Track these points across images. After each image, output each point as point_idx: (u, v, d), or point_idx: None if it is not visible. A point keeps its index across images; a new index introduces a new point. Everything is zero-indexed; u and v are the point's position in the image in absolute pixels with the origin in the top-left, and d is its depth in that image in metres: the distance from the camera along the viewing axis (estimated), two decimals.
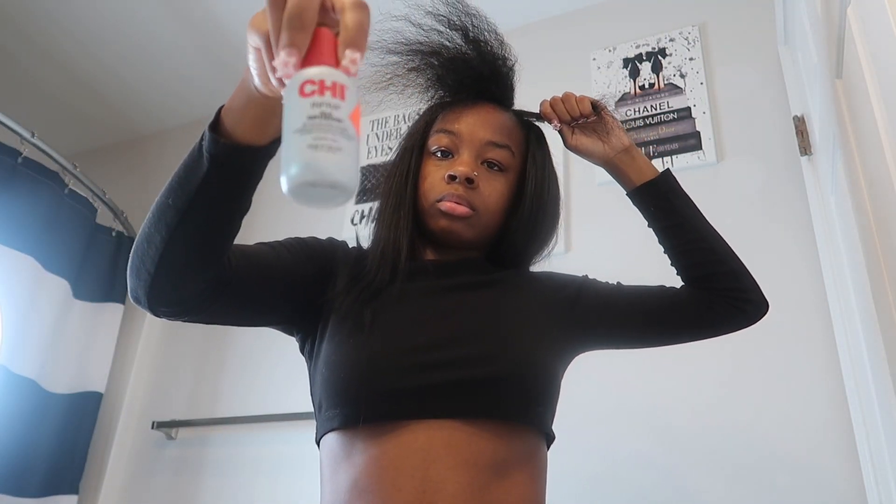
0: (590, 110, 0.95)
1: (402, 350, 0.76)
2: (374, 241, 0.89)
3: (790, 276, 1.56)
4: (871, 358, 1.11)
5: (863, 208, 0.96)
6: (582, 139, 0.96)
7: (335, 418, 0.76)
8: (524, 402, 0.77)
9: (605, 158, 0.96)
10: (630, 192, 0.95)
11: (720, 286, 0.89)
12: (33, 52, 2.50)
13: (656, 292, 0.93)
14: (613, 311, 0.92)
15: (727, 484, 1.42)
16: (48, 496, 1.98)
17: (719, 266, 0.90)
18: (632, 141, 0.96)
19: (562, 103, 0.95)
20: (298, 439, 1.88)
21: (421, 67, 0.92)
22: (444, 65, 0.92)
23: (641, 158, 0.95)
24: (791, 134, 1.64)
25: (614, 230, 1.77)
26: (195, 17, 2.34)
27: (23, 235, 2.01)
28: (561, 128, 0.97)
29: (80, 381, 2.16)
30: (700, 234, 0.91)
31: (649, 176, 0.93)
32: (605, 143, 0.95)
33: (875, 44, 0.76)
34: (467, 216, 0.84)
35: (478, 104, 0.91)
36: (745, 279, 0.90)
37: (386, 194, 0.90)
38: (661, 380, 1.57)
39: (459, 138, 0.88)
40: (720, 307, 0.90)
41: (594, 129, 0.96)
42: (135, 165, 2.86)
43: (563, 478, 1.50)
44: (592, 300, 0.92)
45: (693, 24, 1.98)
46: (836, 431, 1.38)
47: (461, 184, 0.84)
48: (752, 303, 0.90)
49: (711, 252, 0.90)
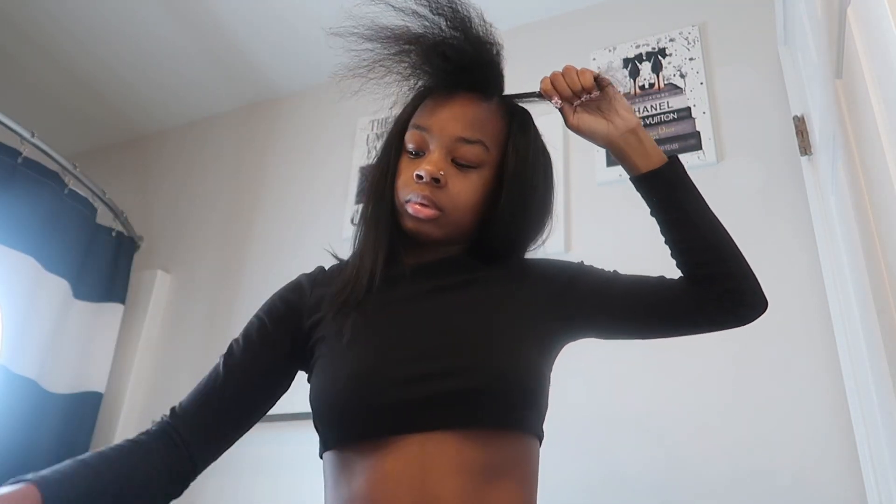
0: (592, 84, 0.87)
1: (381, 367, 0.77)
2: (356, 245, 0.89)
3: (790, 276, 1.56)
4: (871, 358, 1.11)
5: (863, 208, 0.96)
6: (584, 118, 0.89)
7: (328, 440, 0.79)
8: (509, 409, 0.77)
9: (609, 139, 0.89)
10: (634, 178, 0.90)
11: (716, 287, 0.85)
12: (33, 52, 2.50)
13: (652, 284, 0.89)
14: (607, 302, 0.89)
15: (727, 485, 1.42)
16: None
17: (718, 266, 0.85)
18: (639, 121, 0.90)
19: (562, 78, 0.88)
20: (298, 439, 1.87)
21: (401, 55, 0.88)
22: (422, 53, 0.87)
23: (649, 141, 0.89)
24: (791, 134, 1.64)
25: (614, 230, 1.77)
26: (195, 17, 2.34)
27: (23, 235, 2.01)
28: (562, 105, 0.89)
29: (80, 381, 2.15)
30: (703, 230, 0.86)
31: (656, 162, 0.88)
32: (610, 122, 0.88)
33: (875, 44, 0.76)
34: (433, 218, 0.82)
35: (455, 96, 0.86)
36: (743, 281, 0.86)
37: (367, 193, 0.89)
38: (659, 381, 1.57)
39: (430, 134, 0.85)
40: (712, 307, 0.86)
41: (598, 107, 0.89)
42: (135, 165, 2.86)
43: (561, 484, 1.50)
44: (586, 289, 0.89)
45: (693, 24, 1.98)
46: (836, 431, 1.38)
47: (428, 184, 0.82)
48: (745, 306, 0.86)
49: (712, 250, 0.85)
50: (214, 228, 2.51)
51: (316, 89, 2.57)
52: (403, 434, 0.73)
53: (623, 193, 1.87)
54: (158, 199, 2.72)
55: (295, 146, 2.52)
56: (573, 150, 1.98)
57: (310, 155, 2.45)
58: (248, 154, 2.61)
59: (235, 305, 2.26)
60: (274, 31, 2.38)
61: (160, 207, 2.68)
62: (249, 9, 2.29)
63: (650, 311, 0.88)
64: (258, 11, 2.31)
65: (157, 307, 2.41)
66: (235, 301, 2.27)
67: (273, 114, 2.64)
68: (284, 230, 2.35)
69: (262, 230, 2.40)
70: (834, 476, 1.35)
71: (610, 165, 1.88)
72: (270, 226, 2.39)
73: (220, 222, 2.52)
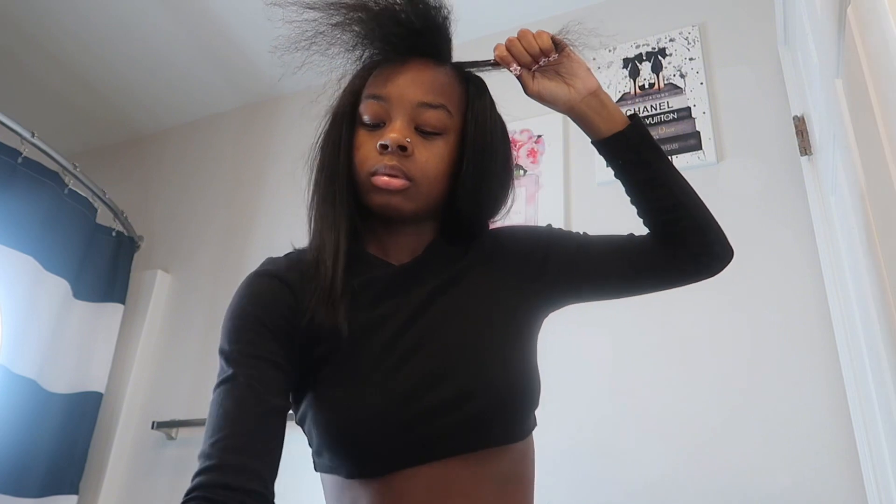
0: (550, 46, 0.83)
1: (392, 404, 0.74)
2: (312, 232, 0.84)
3: (790, 275, 1.56)
4: (871, 358, 1.11)
5: (863, 208, 0.96)
6: (544, 83, 0.85)
7: (336, 469, 0.76)
8: (519, 422, 0.78)
9: (570, 104, 0.86)
10: (596, 141, 0.88)
11: (686, 242, 0.86)
12: (33, 51, 2.50)
13: (624, 243, 0.90)
14: (584, 267, 0.89)
15: (727, 484, 1.42)
16: (48, 496, 1.98)
17: (688, 221, 0.86)
18: (599, 84, 0.87)
19: (518, 42, 0.83)
20: (298, 439, 1.88)
21: (345, 23, 0.83)
22: (371, 19, 0.82)
23: (610, 103, 0.86)
24: (791, 134, 1.64)
25: (614, 230, 1.77)
26: (196, 16, 2.34)
27: (23, 235, 2.01)
28: (520, 72, 0.85)
29: (80, 381, 2.16)
30: (671, 189, 0.86)
31: (620, 124, 0.86)
32: (570, 86, 0.85)
33: (875, 44, 0.76)
34: (404, 188, 0.77)
35: (409, 62, 0.82)
36: (711, 233, 0.87)
37: (319, 172, 0.84)
38: (659, 381, 1.57)
39: (389, 103, 0.79)
40: (682, 260, 0.88)
41: (557, 72, 0.85)
42: (135, 165, 2.86)
43: (561, 484, 1.50)
44: (562, 258, 0.89)
45: (693, 25, 1.98)
46: (836, 431, 1.38)
47: (394, 153, 0.77)
48: (714, 257, 0.88)
49: (681, 208, 0.86)
50: (214, 228, 2.51)
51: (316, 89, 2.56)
52: (413, 466, 0.73)
53: (623, 193, 1.87)
54: (158, 199, 2.72)
55: (295, 146, 2.52)
56: (573, 150, 1.98)
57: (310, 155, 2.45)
58: (249, 154, 2.61)
59: None
60: (274, 31, 2.38)
61: (160, 207, 2.68)
62: (249, 8, 2.29)
63: (625, 271, 0.89)
64: (259, 11, 2.31)
65: (157, 307, 2.41)
66: None
67: (273, 114, 2.64)
68: (284, 230, 2.35)
69: (263, 230, 2.40)
70: (834, 476, 1.35)
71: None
72: (270, 226, 2.39)
73: (220, 222, 2.52)
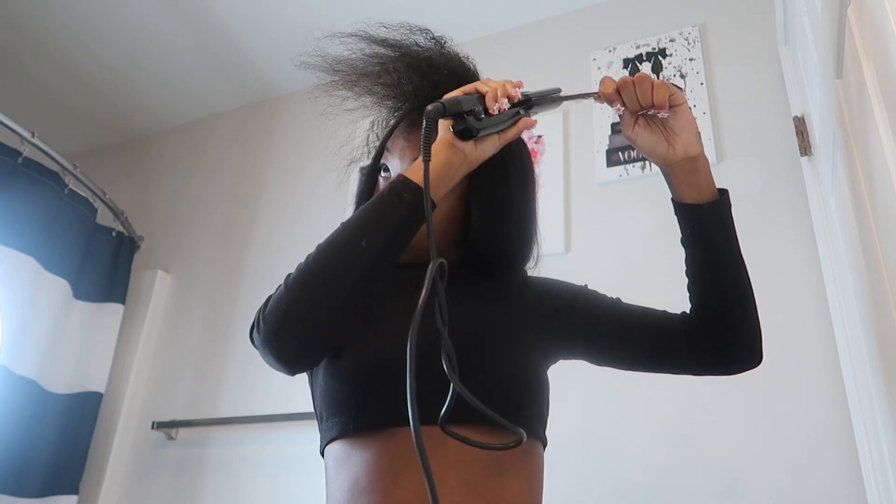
0: (665, 104, 0.78)
1: (395, 359, 0.76)
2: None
3: (790, 276, 1.56)
4: (871, 358, 1.11)
5: (863, 208, 0.96)
6: (645, 133, 0.82)
7: (334, 427, 0.79)
8: (512, 407, 0.79)
9: (665, 163, 0.83)
10: (676, 202, 0.85)
11: (721, 325, 0.84)
12: (33, 52, 2.50)
13: (649, 317, 0.89)
14: (602, 329, 0.89)
15: (727, 484, 1.42)
16: (48, 496, 1.98)
17: (726, 320, 0.84)
18: (702, 151, 0.83)
19: (632, 88, 0.79)
20: (298, 439, 1.88)
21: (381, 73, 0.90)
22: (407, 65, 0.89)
23: (705, 172, 0.83)
24: (791, 134, 1.64)
25: (614, 230, 1.77)
26: (196, 17, 2.34)
27: (23, 235, 2.02)
28: (623, 112, 0.82)
29: (80, 381, 2.16)
30: (728, 275, 0.84)
31: (705, 197, 0.83)
32: (671, 145, 0.81)
33: (875, 44, 0.76)
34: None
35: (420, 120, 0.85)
36: (748, 331, 0.84)
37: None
38: (658, 381, 1.57)
39: (392, 154, 0.88)
40: (703, 348, 0.86)
41: (662, 124, 0.82)
42: (135, 165, 2.86)
43: (562, 484, 1.50)
44: (584, 312, 0.90)
45: (693, 25, 1.98)
46: (836, 431, 1.38)
47: None
48: (738, 356, 0.85)
49: (731, 295, 0.83)
50: (214, 228, 2.51)
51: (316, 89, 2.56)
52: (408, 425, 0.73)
53: (623, 194, 1.87)
54: (158, 199, 2.72)
55: (295, 146, 2.52)
56: (573, 151, 1.98)
57: (310, 155, 2.45)
58: (248, 154, 2.61)
59: (235, 305, 2.26)
60: (274, 31, 2.38)
61: (160, 207, 2.69)
62: (250, 8, 2.29)
63: (640, 345, 0.88)
64: (259, 11, 2.31)
65: (157, 307, 2.41)
66: (235, 301, 2.27)
67: (273, 114, 2.64)
68: (284, 230, 2.35)
69: (263, 230, 2.40)
70: (834, 476, 1.35)
71: (610, 166, 1.87)
72: (270, 226, 2.39)
73: (220, 222, 2.52)
